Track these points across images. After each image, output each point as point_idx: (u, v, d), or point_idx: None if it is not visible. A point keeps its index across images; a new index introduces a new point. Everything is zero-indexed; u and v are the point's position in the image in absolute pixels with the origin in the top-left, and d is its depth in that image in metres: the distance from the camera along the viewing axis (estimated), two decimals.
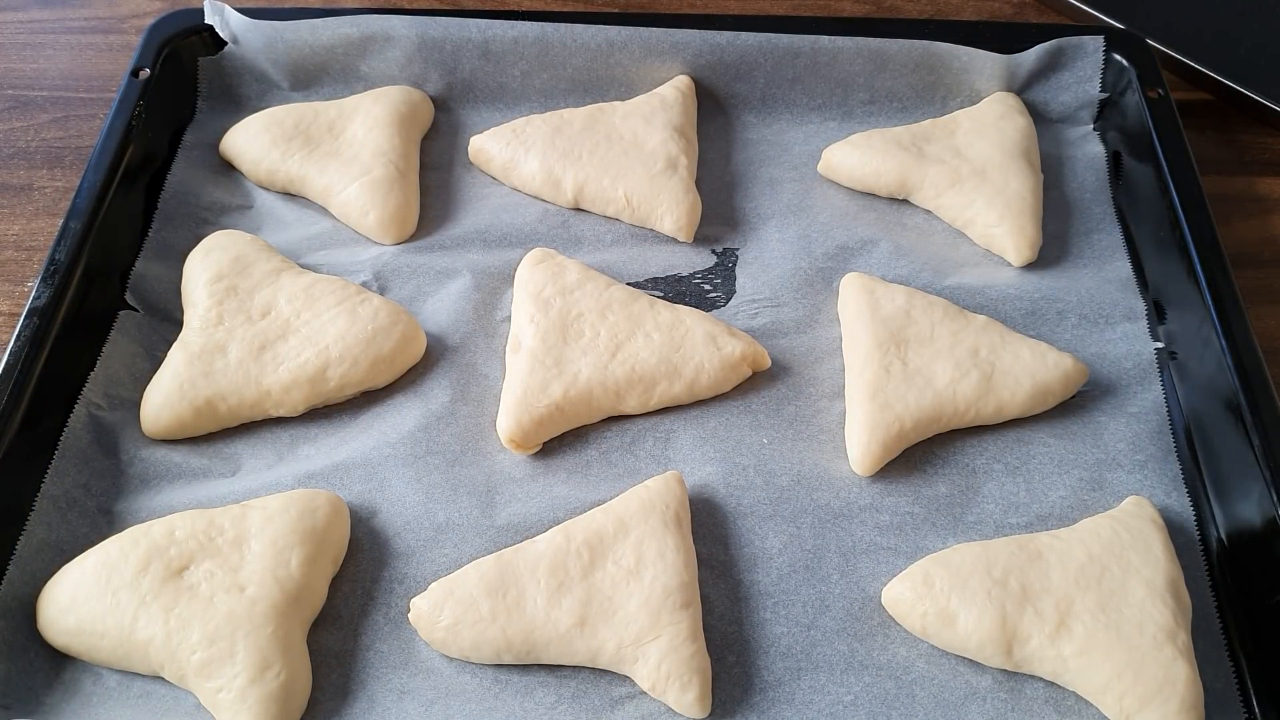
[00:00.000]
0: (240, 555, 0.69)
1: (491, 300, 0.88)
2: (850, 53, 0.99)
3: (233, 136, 0.96)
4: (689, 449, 0.80)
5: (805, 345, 0.86)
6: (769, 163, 0.98)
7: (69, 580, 0.69)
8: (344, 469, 0.78)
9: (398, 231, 0.91)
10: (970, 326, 0.82)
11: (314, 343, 0.80)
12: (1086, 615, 0.67)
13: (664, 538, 0.71)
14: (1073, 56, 0.99)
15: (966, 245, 0.93)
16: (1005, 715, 0.68)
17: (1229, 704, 0.68)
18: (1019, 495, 0.77)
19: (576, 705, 0.68)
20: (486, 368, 0.84)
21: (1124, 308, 0.87)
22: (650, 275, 0.90)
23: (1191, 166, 0.91)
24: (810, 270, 0.90)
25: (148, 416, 0.78)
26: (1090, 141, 0.99)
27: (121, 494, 0.76)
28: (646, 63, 0.99)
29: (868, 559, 0.74)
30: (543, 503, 0.77)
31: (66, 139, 1.04)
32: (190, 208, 0.93)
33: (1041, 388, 0.79)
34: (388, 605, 0.72)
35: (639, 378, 0.80)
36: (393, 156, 0.93)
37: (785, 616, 0.72)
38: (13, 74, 1.10)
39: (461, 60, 1.00)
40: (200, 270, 0.85)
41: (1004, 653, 0.68)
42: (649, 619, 0.68)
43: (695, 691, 0.66)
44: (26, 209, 0.98)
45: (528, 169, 0.94)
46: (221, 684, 0.65)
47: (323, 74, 1.00)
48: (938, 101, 1.01)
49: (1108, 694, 0.66)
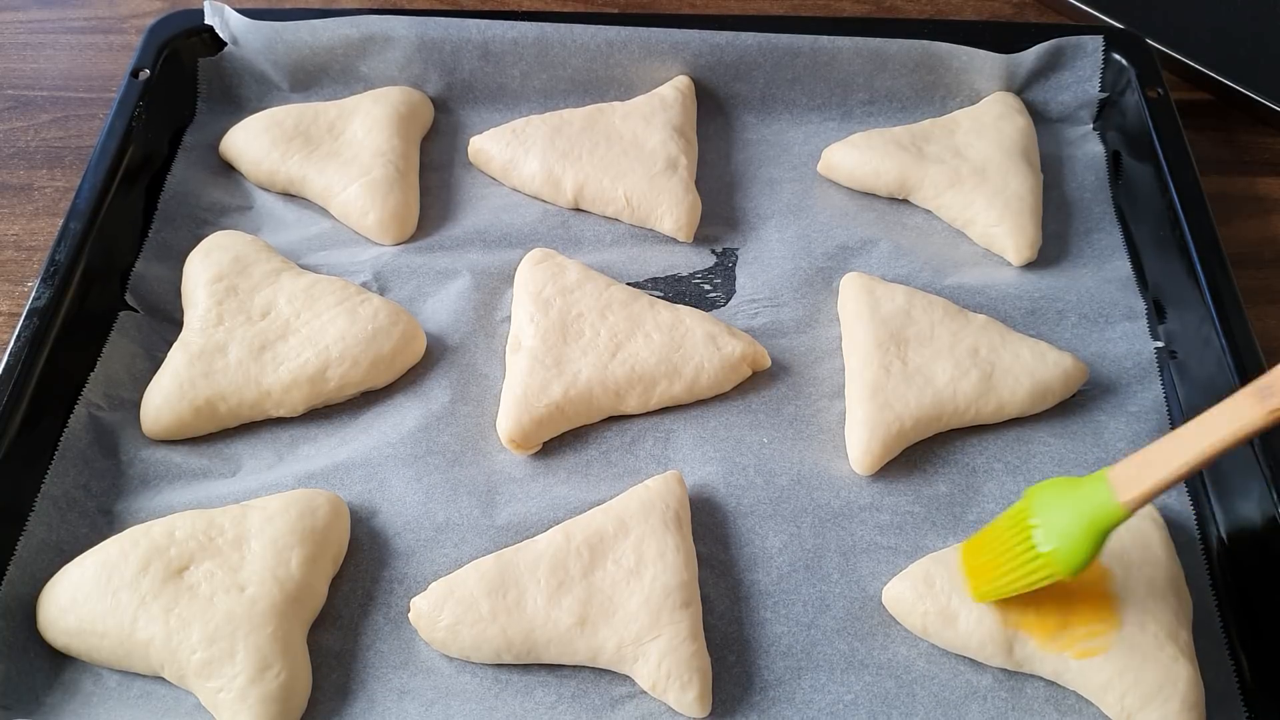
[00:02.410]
0: (240, 555, 0.69)
1: (491, 300, 0.88)
2: (850, 53, 0.99)
3: (233, 137, 0.96)
4: (689, 449, 0.80)
5: (805, 345, 0.86)
6: (769, 163, 0.98)
7: (69, 580, 0.69)
8: (344, 469, 0.78)
9: (398, 232, 0.91)
10: (970, 326, 0.82)
11: (314, 343, 0.80)
12: (1088, 615, 0.67)
13: (664, 537, 0.71)
14: (1072, 56, 0.99)
15: (966, 245, 0.93)
16: (1005, 714, 0.68)
17: (1230, 703, 0.68)
18: (1019, 494, 0.77)
19: (577, 705, 0.68)
20: (486, 368, 0.84)
21: (1124, 307, 0.87)
22: (650, 275, 0.90)
23: (1191, 166, 0.91)
24: (810, 270, 0.90)
25: (148, 417, 0.78)
26: (1090, 141, 0.99)
27: (121, 494, 0.76)
28: (646, 63, 0.99)
29: (868, 558, 0.74)
30: (543, 503, 0.77)
31: (66, 139, 1.04)
32: (190, 208, 0.93)
33: (1041, 387, 0.79)
34: (388, 605, 0.72)
35: (639, 377, 0.80)
36: (392, 157, 0.93)
37: (785, 616, 0.72)
38: (13, 74, 1.10)
39: (461, 61, 1.00)
40: (200, 270, 0.85)
41: (1005, 652, 0.68)
42: (649, 618, 0.68)
43: (695, 691, 0.66)
44: (26, 209, 0.98)
45: (527, 169, 0.94)
46: (221, 684, 0.65)
47: (322, 75, 1.00)
48: (937, 101, 1.01)
49: (1109, 693, 0.66)
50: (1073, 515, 0.62)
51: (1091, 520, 0.62)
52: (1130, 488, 0.61)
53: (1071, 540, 0.62)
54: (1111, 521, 0.61)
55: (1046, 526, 0.64)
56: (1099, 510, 0.62)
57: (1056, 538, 0.63)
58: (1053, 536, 0.63)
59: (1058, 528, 0.63)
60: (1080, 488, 0.63)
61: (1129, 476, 0.61)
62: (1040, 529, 0.64)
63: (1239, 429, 0.58)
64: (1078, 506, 0.62)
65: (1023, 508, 0.66)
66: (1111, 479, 0.62)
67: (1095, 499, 0.62)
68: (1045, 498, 0.65)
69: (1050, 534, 0.63)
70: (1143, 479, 0.61)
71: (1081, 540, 0.62)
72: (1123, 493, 0.61)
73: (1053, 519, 0.64)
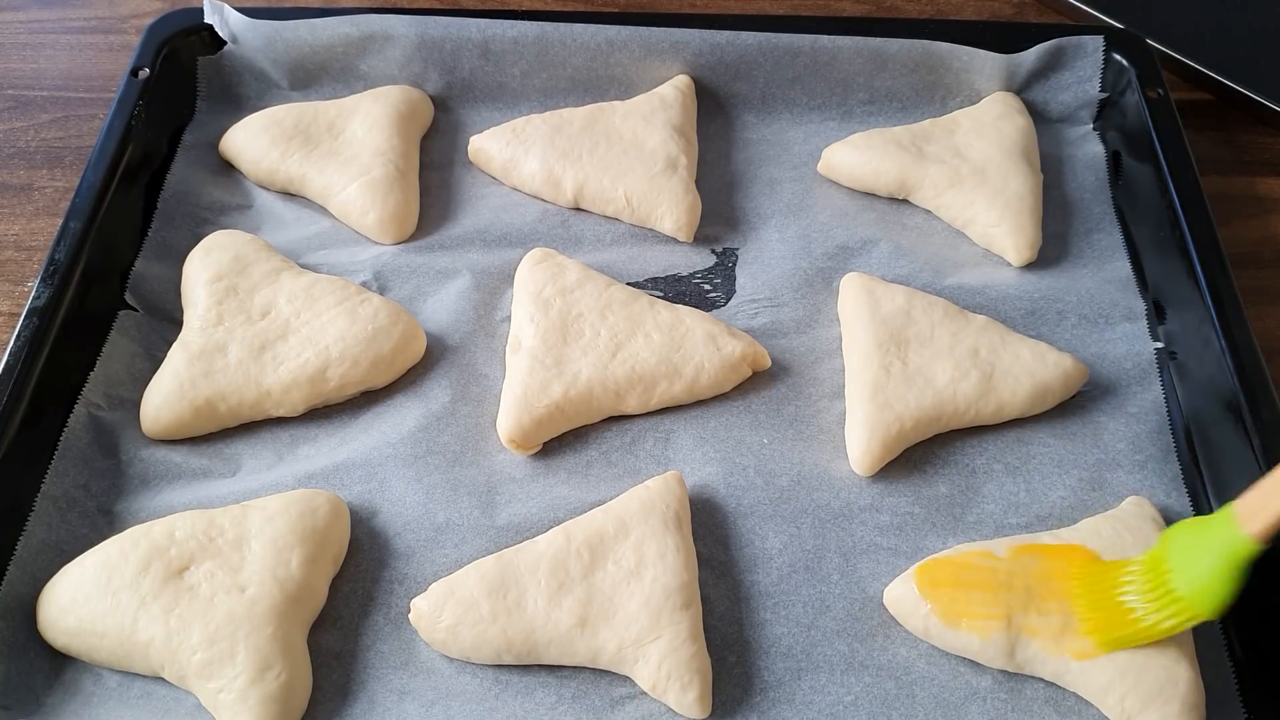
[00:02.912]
0: (240, 555, 0.69)
1: (491, 300, 0.88)
2: (850, 52, 0.99)
3: (232, 136, 0.96)
4: (689, 449, 0.80)
5: (805, 345, 0.86)
6: (769, 162, 0.98)
7: (69, 581, 0.69)
8: (344, 469, 0.78)
9: (397, 231, 0.91)
10: (970, 326, 0.82)
11: (314, 343, 0.80)
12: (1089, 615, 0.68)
13: (664, 538, 0.71)
14: (1072, 56, 0.99)
15: (966, 245, 0.93)
16: (1005, 716, 0.68)
17: (1229, 704, 0.68)
18: (1019, 495, 0.77)
19: (577, 705, 0.68)
20: (486, 368, 0.84)
21: (1124, 308, 0.87)
22: (650, 275, 0.90)
23: (1191, 166, 0.91)
24: (810, 270, 0.90)
25: (148, 416, 0.78)
26: (1090, 141, 0.99)
27: (121, 494, 0.76)
28: (646, 62, 0.99)
29: (868, 559, 0.74)
30: (543, 503, 0.77)
31: (66, 139, 1.04)
32: (190, 207, 0.93)
33: (1041, 388, 0.79)
34: (388, 605, 0.72)
35: (639, 378, 0.80)
36: (392, 156, 0.93)
37: (785, 617, 0.72)
38: (13, 74, 1.10)
39: (461, 60, 0.99)
40: (200, 270, 0.85)
41: (1006, 654, 0.68)
42: (649, 619, 0.68)
43: (696, 692, 0.66)
44: (26, 209, 0.98)
45: (527, 169, 0.94)
46: (222, 684, 0.65)
47: (322, 73, 1.00)
48: (937, 101, 1.01)
49: (1109, 695, 0.66)
50: (1207, 555, 0.64)
51: (1226, 556, 0.63)
52: (1257, 519, 0.62)
53: (1212, 579, 0.63)
54: (1243, 555, 0.63)
55: (1182, 568, 0.65)
56: (1231, 546, 0.63)
57: (1196, 578, 0.64)
58: (1191, 577, 0.64)
59: (1195, 568, 0.64)
60: (1210, 527, 0.65)
61: (1254, 508, 0.63)
62: (1176, 570, 0.65)
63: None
64: (1211, 546, 0.64)
65: (1158, 551, 0.67)
66: (1238, 512, 0.64)
67: (1226, 536, 0.63)
68: (1178, 540, 0.66)
69: (1187, 575, 0.64)
70: (1267, 509, 0.62)
71: (1220, 577, 0.63)
72: (1250, 524, 0.62)
73: (1188, 560, 0.65)
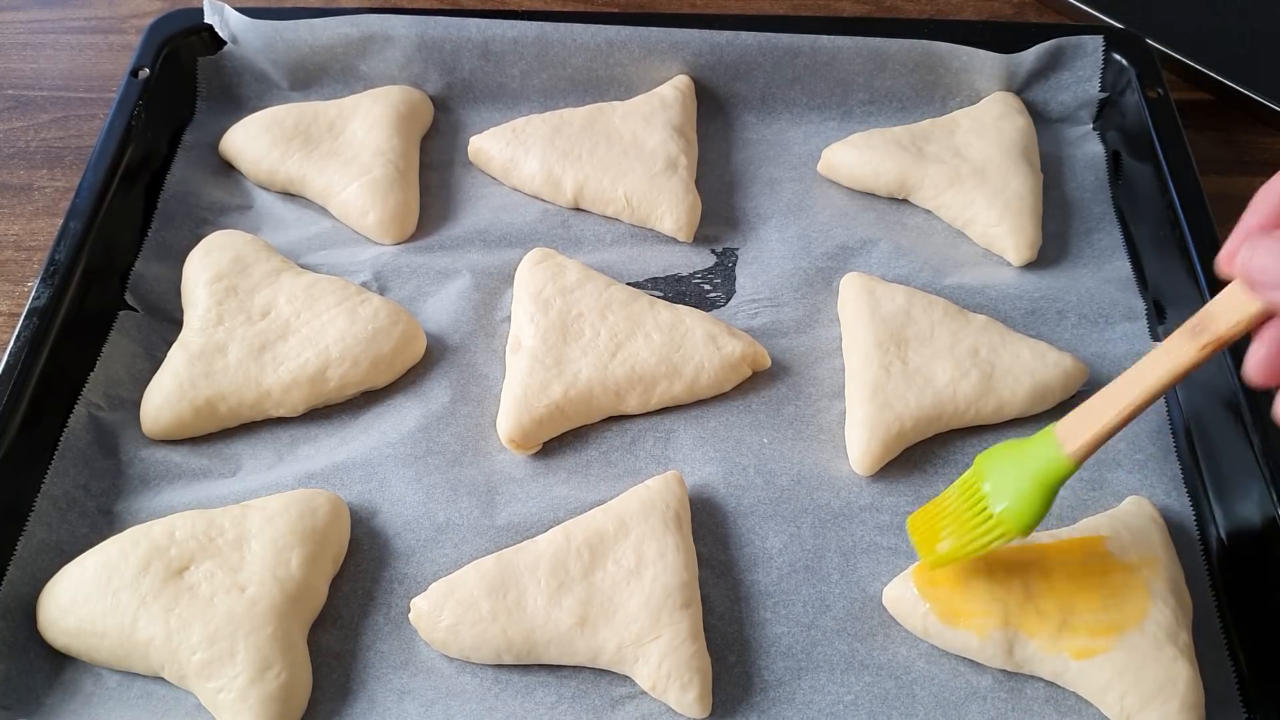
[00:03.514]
0: (240, 555, 0.69)
1: (491, 300, 0.88)
2: (850, 52, 0.99)
3: (232, 136, 0.96)
4: (689, 449, 0.80)
5: (805, 345, 0.86)
6: (769, 163, 0.98)
7: (69, 581, 0.69)
8: (344, 469, 0.78)
9: (397, 231, 0.91)
10: (970, 326, 0.82)
11: (314, 343, 0.80)
12: (1088, 615, 0.67)
13: (664, 538, 0.71)
14: (1072, 56, 0.99)
15: (966, 245, 0.93)
16: (1005, 715, 0.68)
17: (1229, 704, 0.68)
18: None
19: (577, 705, 0.68)
20: (486, 368, 0.84)
21: (1124, 307, 0.87)
22: (650, 275, 0.90)
23: (1191, 166, 0.91)
24: (810, 270, 0.90)
25: (148, 417, 0.78)
26: (1090, 141, 0.99)
27: (121, 494, 0.76)
28: (646, 62, 0.99)
29: (868, 559, 0.74)
30: (543, 503, 0.77)
31: (66, 139, 1.04)
32: (190, 208, 0.93)
33: (1041, 387, 0.79)
34: (388, 605, 0.72)
35: (639, 378, 0.80)
36: (392, 156, 0.93)
37: (785, 616, 0.72)
38: (13, 74, 1.10)
39: (461, 60, 0.99)
40: (200, 270, 0.85)
41: (1005, 653, 0.68)
42: (649, 619, 0.68)
43: (696, 691, 0.66)
44: (26, 209, 0.98)
45: (527, 169, 0.94)
46: (222, 684, 0.65)
47: (322, 74, 1.00)
48: (937, 101, 1.01)
49: (1109, 694, 0.66)
50: (1022, 474, 0.63)
51: (1040, 476, 0.62)
52: (1075, 439, 0.62)
53: (1022, 498, 0.63)
54: (1059, 475, 0.62)
55: (997, 488, 0.64)
56: (1047, 466, 0.62)
57: (1007, 497, 0.63)
58: (1004, 496, 0.64)
59: (1008, 488, 0.64)
60: (1027, 447, 0.64)
61: (1073, 429, 0.62)
62: (991, 491, 0.64)
63: (1173, 367, 0.59)
64: (1026, 465, 0.63)
65: (973, 473, 0.67)
66: (1057, 434, 0.63)
67: (1042, 455, 0.63)
68: (995, 461, 0.66)
69: (1001, 494, 0.64)
70: (1086, 429, 0.62)
71: (1032, 497, 0.63)
72: (1068, 445, 0.62)
73: (1003, 480, 0.64)
